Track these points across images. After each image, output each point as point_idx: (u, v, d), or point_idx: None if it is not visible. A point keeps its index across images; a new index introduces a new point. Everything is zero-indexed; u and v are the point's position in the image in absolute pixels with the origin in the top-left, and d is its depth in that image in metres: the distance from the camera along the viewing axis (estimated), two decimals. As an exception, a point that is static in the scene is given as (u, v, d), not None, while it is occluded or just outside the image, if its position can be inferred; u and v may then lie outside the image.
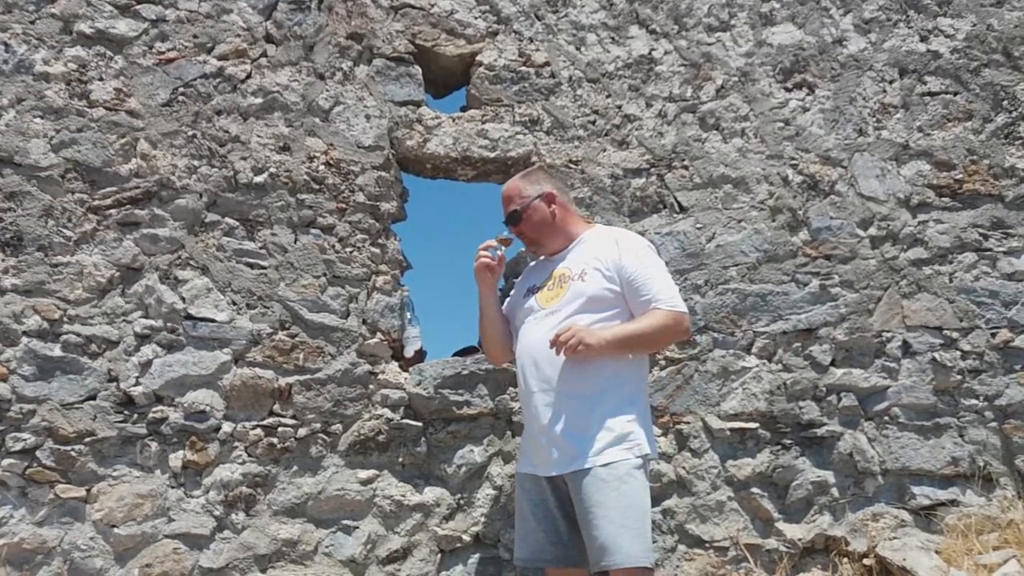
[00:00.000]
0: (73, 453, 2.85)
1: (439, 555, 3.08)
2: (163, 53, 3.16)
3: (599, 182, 3.41)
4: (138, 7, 3.16)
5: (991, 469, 3.33)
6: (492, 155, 3.39)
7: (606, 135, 3.47)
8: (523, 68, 3.47)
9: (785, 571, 3.15)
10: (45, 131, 3.00)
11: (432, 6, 3.45)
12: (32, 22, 3.05)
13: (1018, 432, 3.35)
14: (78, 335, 2.92)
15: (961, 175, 3.56)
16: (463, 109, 3.52)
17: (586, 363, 2.28)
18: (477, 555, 3.10)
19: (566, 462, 2.26)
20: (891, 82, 3.63)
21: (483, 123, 3.42)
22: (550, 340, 2.26)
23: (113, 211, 3.02)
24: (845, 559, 3.19)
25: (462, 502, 3.12)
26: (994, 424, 3.37)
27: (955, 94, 3.64)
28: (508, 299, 2.71)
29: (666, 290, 2.38)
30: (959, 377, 3.38)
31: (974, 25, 3.70)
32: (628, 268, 2.37)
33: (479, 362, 3.16)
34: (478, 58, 3.46)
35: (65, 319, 2.92)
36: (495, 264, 2.50)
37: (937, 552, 3.07)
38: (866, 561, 3.14)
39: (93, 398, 2.91)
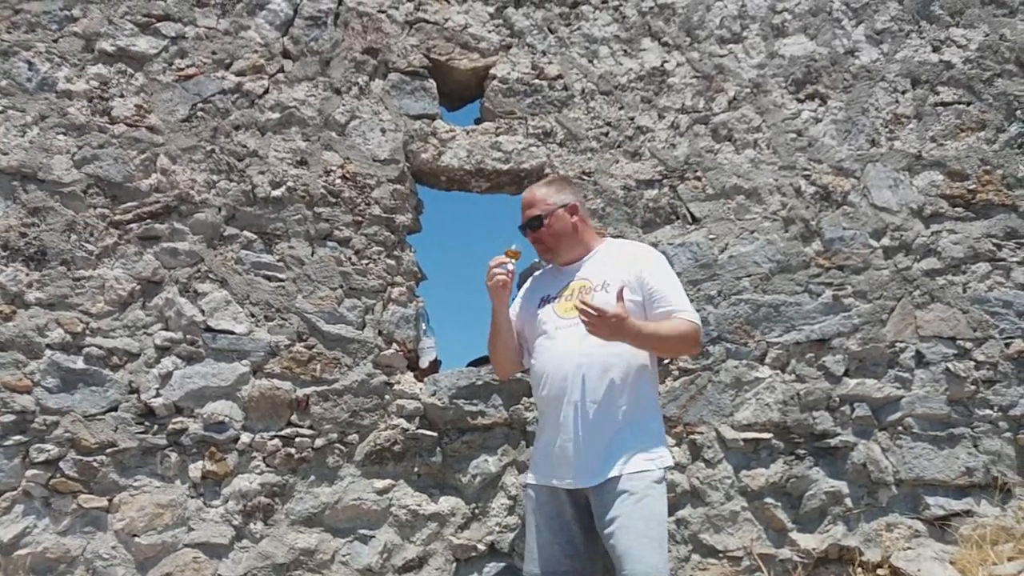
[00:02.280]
0: (95, 463, 2.90)
1: (454, 564, 3.11)
2: (182, 70, 3.22)
3: (612, 193, 3.44)
4: (158, 25, 3.22)
5: (1006, 479, 3.32)
6: (506, 167, 3.42)
7: (619, 147, 3.50)
8: (536, 81, 3.50)
9: (799, 581, 3.16)
10: (68, 147, 3.06)
11: (446, 21, 3.49)
12: (55, 40, 3.12)
13: (1033, 442, 3.35)
14: (100, 348, 2.97)
15: (974, 185, 3.56)
16: (477, 122, 3.56)
17: (618, 377, 2.32)
18: (492, 564, 3.13)
19: (591, 475, 2.29)
20: (903, 92, 3.64)
21: (497, 135, 3.45)
22: (588, 309, 2.22)
23: (134, 225, 3.08)
24: (859, 569, 3.19)
25: (477, 511, 3.15)
26: (1008, 434, 3.37)
27: (968, 104, 3.65)
28: (516, 309, 2.68)
29: (684, 301, 2.43)
30: (973, 387, 3.38)
31: (987, 35, 3.70)
32: (649, 280, 2.41)
33: (493, 372, 3.19)
34: (492, 71, 3.50)
35: (87, 332, 2.98)
36: (509, 280, 2.52)
37: (951, 563, 3.08)
38: (880, 571, 3.15)
39: (115, 409, 2.96)
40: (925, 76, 3.66)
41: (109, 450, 2.92)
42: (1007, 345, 3.43)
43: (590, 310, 2.23)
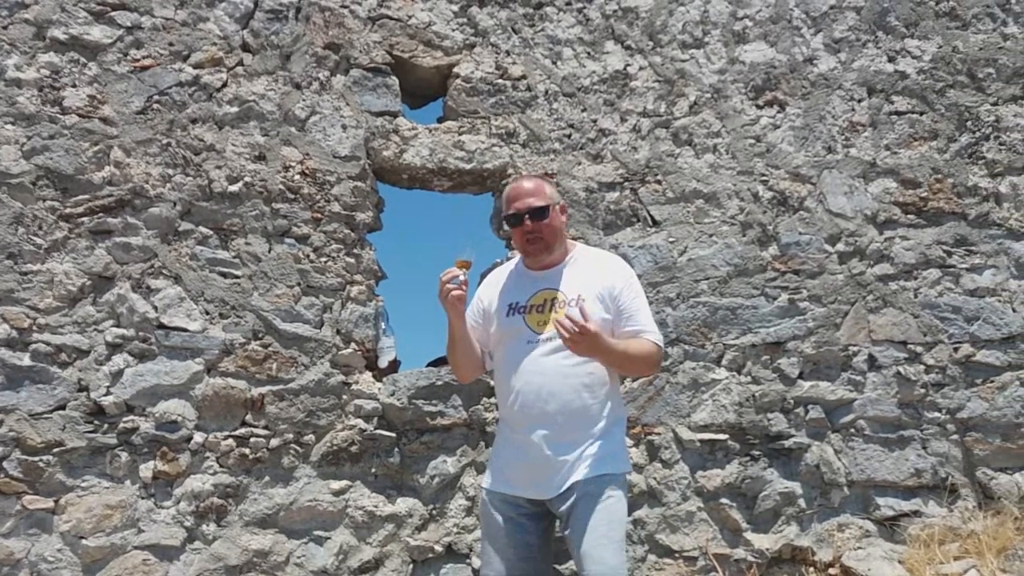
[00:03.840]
0: (41, 464, 2.82)
1: (411, 565, 3.09)
2: (138, 60, 3.15)
3: (574, 195, 3.45)
4: (113, 14, 3.14)
5: (953, 480, 3.41)
6: (468, 167, 3.41)
7: (581, 149, 3.51)
8: (500, 81, 3.50)
9: (753, 581, 3.20)
10: (16, 137, 2.97)
11: (410, 18, 3.47)
12: (5, 27, 3.02)
13: (979, 445, 3.44)
14: (48, 344, 2.89)
15: (926, 193, 3.65)
16: (440, 120, 3.54)
17: (588, 392, 2.32)
18: (449, 565, 3.11)
19: (558, 487, 2.29)
20: (860, 101, 3.71)
21: (460, 135, 3.44)
22: (565, 323, 2.19)
23: (85, 219, 3.00)
24: (811, 569, 3.24)
25: (435, 512, 3.14)
26: (956, 436, 3.45)
27: (921, 114, 3.73)
28: (477, 308, 2.56)
29: (653, 324, 2.43)
30: (923, 391, 3.46)
31: (940, 47, 3.79)
32: (621, 298, 2.38)
33: (454, 374, 3.16)
34: (455, 70, 3.48)
35: (35, 328, 2.89)
36: (463, 293, 2.45)
37: (900, 562, 3.14)
38: (831, 571, 3.21)
39: (62, 408, 2.88)
40: (881, 85, 3.73)
41: (56, 450, 2.84)
42: (956, 350, 3.52)
43: (574, 326, 2.19)
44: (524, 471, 2.35)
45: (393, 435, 3.14)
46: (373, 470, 3.12)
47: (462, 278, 2.37)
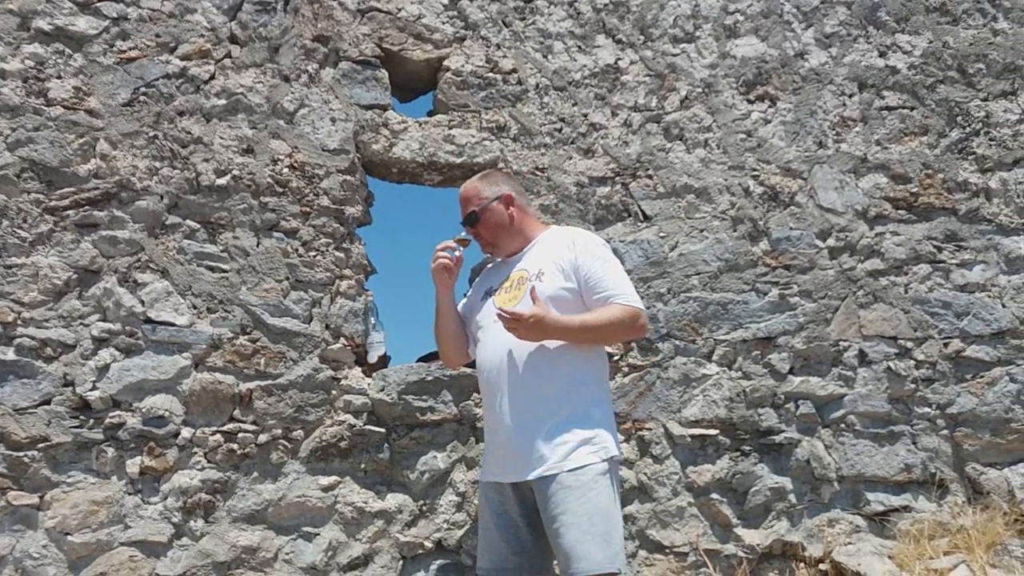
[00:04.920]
0: (26, 459, 2.79)
1: (401, 562, 3.07)
2: (124, 52, 3.11)
3: (565, 190, 3.43)
4: (99, 4, 3.10)
5: (943, 476, 3.41)
6: (459, 160, 3.39)
7: (572, 143, 3.50)
8: (490, 74, 3.48)
9: (743, 576, 3.20)
10: (0, 129, 2.93)
11: (399, 10, 3.44)
12: (-12, 17, 2.99)
13: (968, 440, 3.45)
14: (32, 338, 2.86)
15: (917, 188, 3.65)
16: (430, 114, 3.52)
17: (549, 366, 2.26)
18: (439, 562, 3.10)
19: (531, 468, 2.24)
20: (851, 96, 3.71)
21: (450, 128, 3.42)
22: (501, 314, 2.21)
23: (71, 212, 2.96)
24: (801, 564, 3.24)
25: (424, 508, 3.12)
26: (946, 432, 3.46)
27: (912, 109, 3.73)
28: (465, 301, 2.64)
29: (622, 285, 2.35)
30: (913, 386, 3.46)
31: (931, 42, 3.79)
32: (584, 266, 2.35)
33: (443, 368, 3.15)
34: (445, 63, 3.46)
35: (19, 322, 2.86)
36: (453, 265, 2.47)
37: (890, 557, 3.15)
38: (822, 566, 3.21)
39: (48, 403, 2.85)
40: (871, 80, 3.73)
41: (41, 445, 2.81)
42: (945, 345, 3.52)
43: (505, 315, 2.21)
44: (497, 453, 2.34)
45: (383, 431, 3.12)
46: (362, 466, 3.10)
47: (457, 253, 2.42)
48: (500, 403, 2.31)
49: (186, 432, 2.95)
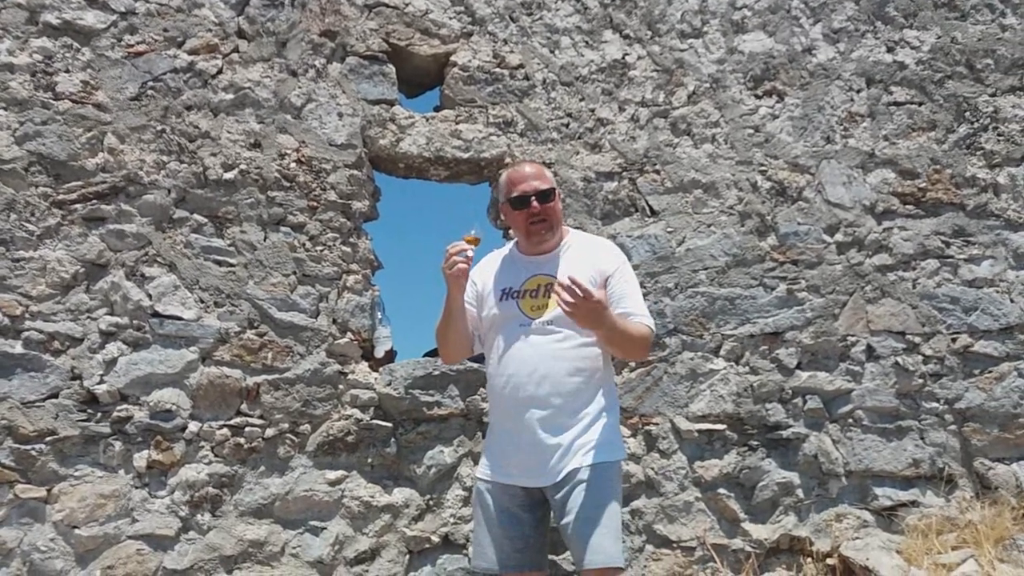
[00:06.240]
0: (34, 452, 2.79)
1: (407, 556, 3.07)
2: (132, 46, 3.11)
3: (572, 185, 3.43)
4: (107, -1, 3.11)
5: (951, 471, 3.40)
6: (465, 156, 3.39)
7: (579, 138, 3.49)
8: (497, 70, 3.47)
9: (751, 571, 3.19)
10: (8, 123, 2.94)
11: (407, 5, 3.44)
12: (-4, 11, 2.99)
13: (976, 435, 3.43)
14: (40, 332, 2.86)
15: (924, 184, 3.64)
16: (437, 109, 3.52)
17: (582, 379, 2.31)
18: (445, 556, 3.09)
19: (554, 474, 2.27)
20: (858, 91, 3.70)
21: (457, 124, 3.41)
22: (575, 288, 2.13)
23: (78, 206, 2.97)
24: (809, 559, 3.24)
25: (431, 503, 3.12)
26: (954, 427, 3.45)
27: (920, 104, 3.72)
28: (471, 291, 2.51)
29: (643, 307, 2.42)
30: (921, 381, 3.45)
31: (939, 37, 3.78)
32: (614, 281, 2.38)
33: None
34: (452, 58, 3.46)
35: (27, 316, 2.86)
36: (467, 267, 2.44)
37: (898, 552, 3.13)
38: (829, 561, 3.20)
39: (55, 396, 2.85)
40: (879, 76, 3.72)
41: (49, 438, 2.81)
42: (953, 340, 3.51)
43: (576, 289, 2.14)
44: (517, 458, 2.33)
45: (389, 425, 3.12)
46: (369, 460, 3.09)
47: (469, 254, 2.37)
48: (530, 413, 2.30)
49: (193, 426, 2.95)
